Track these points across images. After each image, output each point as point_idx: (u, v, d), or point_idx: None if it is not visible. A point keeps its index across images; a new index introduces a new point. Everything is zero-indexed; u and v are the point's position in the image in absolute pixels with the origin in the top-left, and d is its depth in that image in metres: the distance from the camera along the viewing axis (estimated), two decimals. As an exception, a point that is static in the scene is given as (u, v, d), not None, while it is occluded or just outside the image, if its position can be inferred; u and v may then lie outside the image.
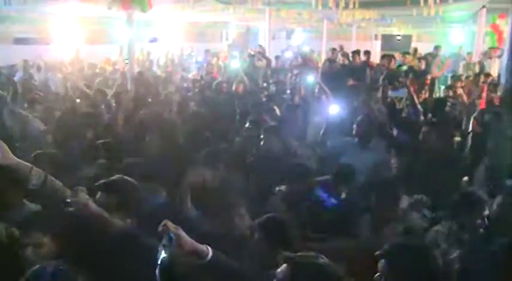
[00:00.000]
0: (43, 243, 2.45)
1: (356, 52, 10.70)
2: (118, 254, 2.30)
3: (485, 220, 3.20)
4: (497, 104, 7.76)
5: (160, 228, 2.01)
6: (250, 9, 12.95)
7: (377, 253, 2.27)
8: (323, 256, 1.97)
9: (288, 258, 1.91)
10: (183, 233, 2.04)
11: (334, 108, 5.55)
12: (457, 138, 5.96)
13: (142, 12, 8.54)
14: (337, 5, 10.50)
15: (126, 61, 10.11)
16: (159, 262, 1.96)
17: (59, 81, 10.51)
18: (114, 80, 9.96)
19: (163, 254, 1.97)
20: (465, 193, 3.45)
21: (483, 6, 12.96)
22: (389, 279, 2.21)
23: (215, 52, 16.92)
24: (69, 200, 2.51)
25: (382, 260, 2.25)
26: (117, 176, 2.98)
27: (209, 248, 2.12)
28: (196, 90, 9.12)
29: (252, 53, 12.92)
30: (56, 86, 10.16)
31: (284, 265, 1.90)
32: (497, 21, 13.06)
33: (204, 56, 15.04)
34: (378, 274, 2.24)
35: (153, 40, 19.57)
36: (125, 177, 2.96)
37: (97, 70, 12.40)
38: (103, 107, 7.33)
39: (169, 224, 2.03)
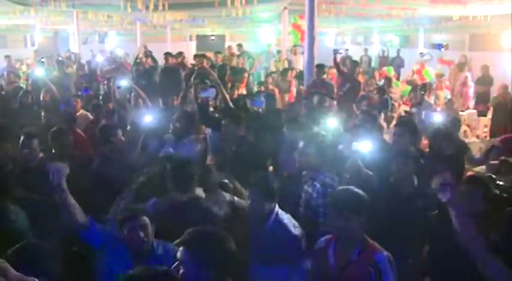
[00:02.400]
0: None
1: (168, 53, 10.74)
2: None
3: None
4: (305, 95, 8.47)
5: None
6: (54, 11, 12.09)
7: (176, 241, 2.37)
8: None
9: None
10: (9, 267, 1.91)
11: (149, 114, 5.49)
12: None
13: None
14: (146, 7, 10.34)
15: None
16: None
17: None
18: None
19: None
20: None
21: (285, 8, 14.01)
22: (190, 266, 2.29)
23: (20, 59, 15.51)
24: None
25: (181, 248, 2.33)
26: None
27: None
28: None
29: (61, 58, 12.08)
30: None
31: None
32: (299, 22, 14.22)
33: (7, 63, 13.60)
34: (177, 262, 2.32)
35: None
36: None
37: None
38: None
39: None
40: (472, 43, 16.99)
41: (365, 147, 4.00)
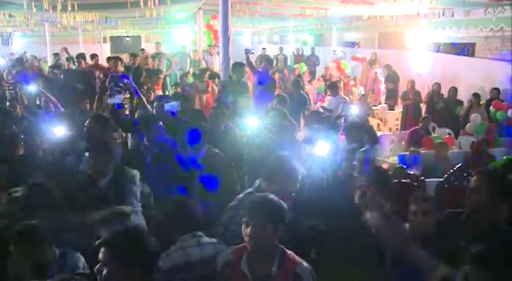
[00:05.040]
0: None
1: (81, 56, 10.23)
2: None
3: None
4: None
5: None
6: None
7: (98, 242, 2.31)
8: None
9: None
10: None
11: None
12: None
13: None
14: (54, 7, 9.78)
15: None
16: None
17: None
18: None
19: None
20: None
21: (199, 8, 13.93)
22: (112, 266, 2.25)
23: None
24: None
25: (103, 249, 2.29)
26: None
27: None
28: None
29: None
30: None
31: None
32: (211, 22, 14.22)
33: None
34: (99, 264, 2.28)
35: None
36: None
37: None
38: None
39: None
40: (381, 41, 17.75)
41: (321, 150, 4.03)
